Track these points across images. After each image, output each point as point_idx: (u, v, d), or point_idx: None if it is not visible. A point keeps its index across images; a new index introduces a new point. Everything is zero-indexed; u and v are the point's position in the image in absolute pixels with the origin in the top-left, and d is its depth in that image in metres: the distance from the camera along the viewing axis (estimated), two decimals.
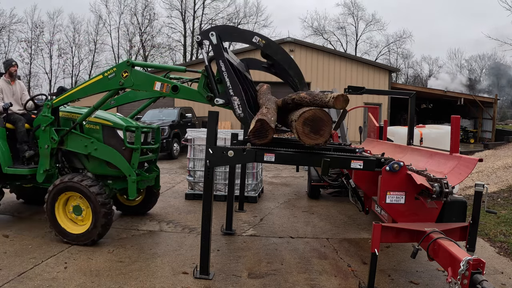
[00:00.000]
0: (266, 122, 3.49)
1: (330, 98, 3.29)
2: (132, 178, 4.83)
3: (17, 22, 39.51)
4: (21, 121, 5.30)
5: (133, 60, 4.55)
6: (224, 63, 3.98)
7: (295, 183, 9.66)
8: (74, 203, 4.72)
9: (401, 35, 48.04)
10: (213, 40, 4.03)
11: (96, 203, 4.50)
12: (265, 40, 4.23)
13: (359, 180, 4.87)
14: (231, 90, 3.96)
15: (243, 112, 3.95)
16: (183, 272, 3.97)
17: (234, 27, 4.65)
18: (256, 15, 46.19)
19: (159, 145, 5.77)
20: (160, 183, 6.00)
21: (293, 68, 4.47)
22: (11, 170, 5.04)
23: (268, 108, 3.83)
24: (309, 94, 3.65)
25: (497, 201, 7.63)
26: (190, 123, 15.20)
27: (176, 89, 4.31)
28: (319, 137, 3.43)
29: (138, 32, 42.74)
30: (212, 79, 4.14)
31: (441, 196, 3.22)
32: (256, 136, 3.53)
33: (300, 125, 3.40)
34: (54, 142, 4.80)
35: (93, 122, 4.96)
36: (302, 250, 4.78)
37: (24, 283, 3.60)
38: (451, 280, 2.65)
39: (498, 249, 4.98)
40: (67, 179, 4.60)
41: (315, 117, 3.40)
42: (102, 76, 4.54)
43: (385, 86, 22.24)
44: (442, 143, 8.58)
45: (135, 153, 4.95)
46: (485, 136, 23.71)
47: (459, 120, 4.12)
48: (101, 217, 4.51)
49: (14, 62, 5.72)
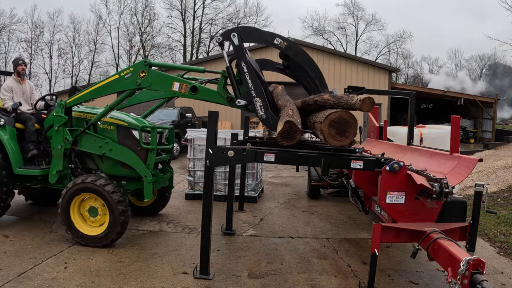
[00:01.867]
0: (295, 124, 3.51)
1: (357, 101, 3.28)
2: (148, 179, 4.76)
3: (17, 22, 39.54)
4: (31, 120, 5.24)
5: (149, 60, 4.49)
6: (246, 64, 3.94)
7: (295, 183, 9.66)
8: (92, 204, 4.62)
9: (401, 35, 48.05)
10: (235, 41, 4.00)
11: (117, 211, 4.43)
12: (287, 41, 4.20)
13: (359, 180, 4.87)
14: (253, 91, 3.92)
15: (265, 114, 3.92)
16: (183, 272, 3.97)
17: (255, 28, 4.59)
18: (256, 15, 46.19)
19: (172, 145, 5.72)
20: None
21: (314, 70, 4.43)
22: (22, 170, 4.96)
23: (292, 109, 3.83)
24: (333, 96, 3.66)
25: (497, 201, 7.63)
26: (190, 123, 15.19)
27: (195, 90, 4.24)
28: (344, 138, 3.45)
29: (138, 32, 42.81)
30: (234, 80, 4.09)
31: (441, 196, 3.22)
32: (284, 137, 3.54)
33: (326, 127, 3.41)
34: (68, 143, 4.73)
35: (107, 123, 4.90)
36: (302, 250, 4.78)
37: (24, 283, 3.60)
38: (451, 280, 2.65)
39: (498, 249, 4.98)
40: (90, 180, 4.51)
41: (341, 119, 3.42)
42: (118, 76, 4.46)
43: (385, 86, 22.24)
44: (442, 143, 8.56)
45: (151, 154, 4.89)
46: (485, 136, 23.71)
47: (459, 120, 4.12)
48: (119, 225, 4.46)
49: (21, 61, 5.64)
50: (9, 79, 5.66)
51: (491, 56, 49.95)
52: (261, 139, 5.64)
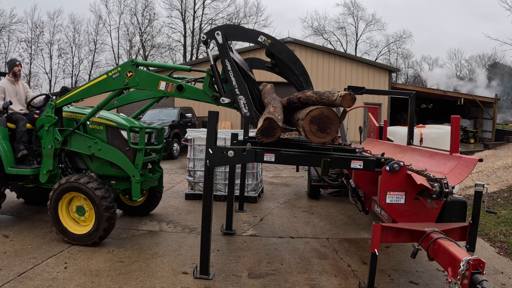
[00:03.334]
0: (274, 121, 3.51)
1: (337, 97, 3.30)
2: (136, 179, 4.81)
3: (17, 22, 39.54)
4: (23, 120, 5.30)
5: (137, 59, 4.53)
6: (230, 62, 3.97)
7: (295, 183, 9.66)
8: (78, 204, 4.70)
9: (401, 35, 48.09)
10: (219, 40, 4.02)
11: (101, 207, 4.47)
12: (271, 39, 4.22)
13: (359, 180, 4.87)
14: (237, 89, 3.95)
15: (249, 111, 3.95)
16: (183, 272, 3.97)
17: (240, 26, 4.63)
18: (256, 15, 46.31)
19: (162, 146, 5.75)
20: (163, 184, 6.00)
21: (299, 67, 4.46)
22: (13, 170, 5.02)
23: (274, 107, 3.84)
24: (315, 93, 3.66)
25: (497, 201, 7.63)
26: (190, 123, 15.19)
27: (181, 89, 4.29)
28: (326, 135, 3.44)
29: (138, 32, 42.76)
30: (218, 78, 4.13)
31: (441, 196, 3.22)
32: (263, 134, 3.55)
33: (307, 124, 3.41)
34: (58, 143, 4.79)
35: (96, 123, 4.95)
36: (302, 250, 4.78)
37: (24, 283, 3.60)
38: (451, 280, 2.65)
39: (498, 249, 4.98)
40: (73, 179, 4.57)
41: (322, 116, 3.41)
42: (106, 76, 4.52)
43: (385, 86, 22.24)
44: (442, 143, 8.58)
45: (139, 154, 4.93)
46: (485, 136, 23.71)
47: (459, 120, 4.12)
48: (104, 221, 4.49)
49: (18, 62, 5.71)
50: (3, 79, 5.72)
51: (491, 56, 50.04)
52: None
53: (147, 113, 15.10)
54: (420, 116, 28.41)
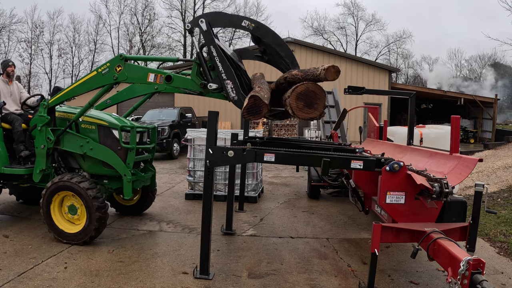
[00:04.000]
0: (259, 98, 3.51)
1: (321, 70, 3.30)
2: (127, 178, 4.84)
3: (17, 22, 39.47)
4: (18, 121, 5.32)
5: (125, 54, 4.56)
6: (215, 48, 3.96)
7: (295, 183, 9.66)
8: (69, 203, 4.72)
9: (401, 35, 48.12)
10: (203, 27, 4.02)
11: (88, 198, 4.50)
12: (254, 23, 4.20)
13: (359, 180, 4.87)
14: (224, 74, 3.95)
15: (237, 95, 3.93)
16: (183, 272, 3.97)
17: (223, 13, 4.60)
18: (256, 15, 46.14)
19: (155, 145, 5.77)
20: (158, 183, 6.02)
21: (285, 50, 4.45)
22: (8, 170, 5.05)
23: (260, 87, 3.84)
24: (301, 71, 3.66)
25: (497, 201, 7.63)
26: (190, 123, 15.20)
27: (170, 79, 4.30)
28: (313, 110, 3.45)
29: (138, 32, 42.76)
30: (204, 65, 4.12)
31: (441, 196, 3.22)
32: (249, 112, 3.55)
33: (294, 100, 3.41)
34: (50, 142, 4.82)
35: (88, 122, 4.98)
36: (302, 250, 4.78)
37: (24, 283, 3.60)
38: (451, 280, 2.65)
39: (498, 249, 4.98)
40: (66, 179, 4.60)
41: (308, 91, 3.41)
42: (96, 72, 4.55)
43: (385, 86, 22.24)
44: (442, 143, 8.57)
45: (130, 153, 4.96)
46: (485, 136, 23.71)
47: (459, 120, 4.12)
48: (95, 211, 4.51)
49: (11, 63, 5.76)
50: None
51: (491, 56, 50.04)
52: (261, 139, 5.65)
53: (148, 113, 15.12)
54: (420, 116, 28.42)
